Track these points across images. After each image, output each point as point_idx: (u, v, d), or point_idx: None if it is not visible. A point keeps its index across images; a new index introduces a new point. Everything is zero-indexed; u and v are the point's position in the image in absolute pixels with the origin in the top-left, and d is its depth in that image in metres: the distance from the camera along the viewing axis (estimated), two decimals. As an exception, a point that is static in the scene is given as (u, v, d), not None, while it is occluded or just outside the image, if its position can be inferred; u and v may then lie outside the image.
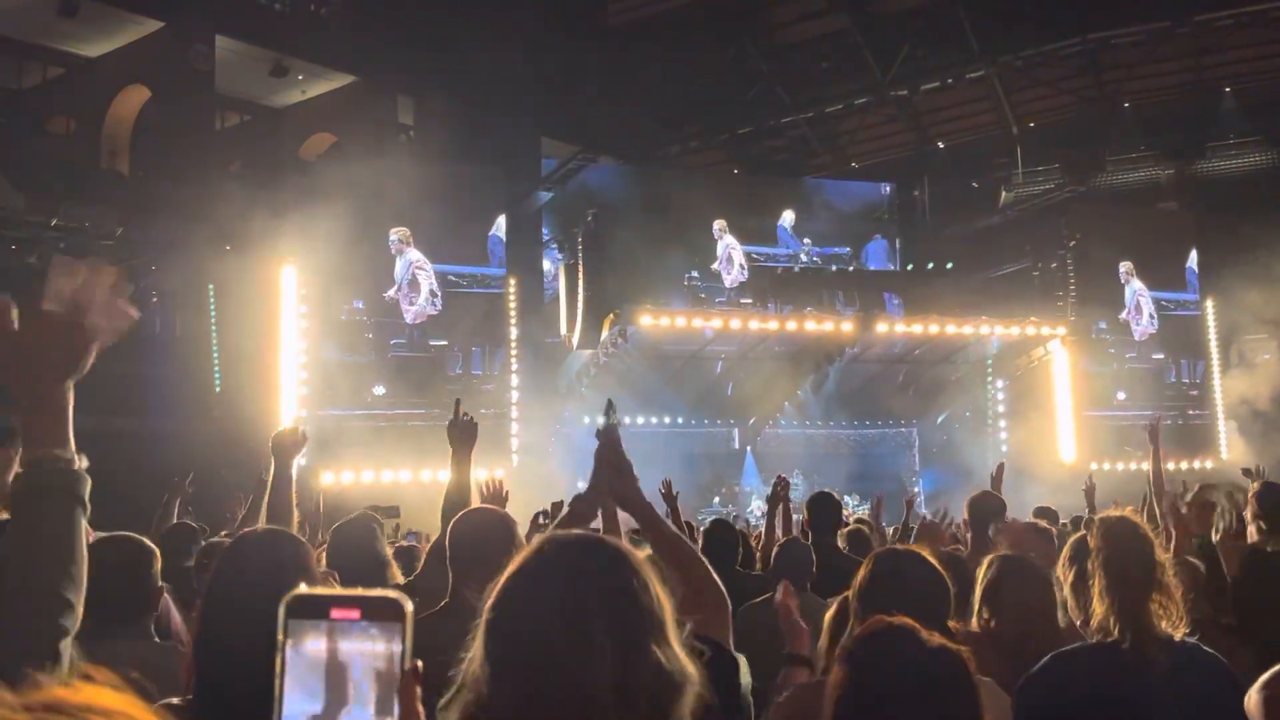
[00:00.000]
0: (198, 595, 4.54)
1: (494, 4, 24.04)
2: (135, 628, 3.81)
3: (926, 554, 3.45)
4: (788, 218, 29.41)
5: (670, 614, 1.74)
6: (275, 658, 1.06)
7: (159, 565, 4.06)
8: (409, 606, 1.09)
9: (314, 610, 1.07)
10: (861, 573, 3.33)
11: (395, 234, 22.43)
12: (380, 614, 1.08)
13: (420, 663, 1.12)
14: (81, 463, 2.04)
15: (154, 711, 0.89)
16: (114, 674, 0.90)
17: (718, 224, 28.07)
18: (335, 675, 1.06)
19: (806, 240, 29.41)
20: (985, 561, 4.15)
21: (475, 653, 1.70)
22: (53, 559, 1.96)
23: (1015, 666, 3.40)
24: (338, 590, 1.09)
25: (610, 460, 3.20)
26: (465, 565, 3.79)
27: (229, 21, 25.54)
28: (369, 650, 1.08)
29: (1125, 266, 27.13)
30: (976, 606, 3.99)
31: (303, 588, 1.10)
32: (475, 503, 4.93)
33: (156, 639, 3.96)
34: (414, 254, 22.33)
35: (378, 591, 1.09)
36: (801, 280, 28.55)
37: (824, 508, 7.21)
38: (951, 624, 3.12)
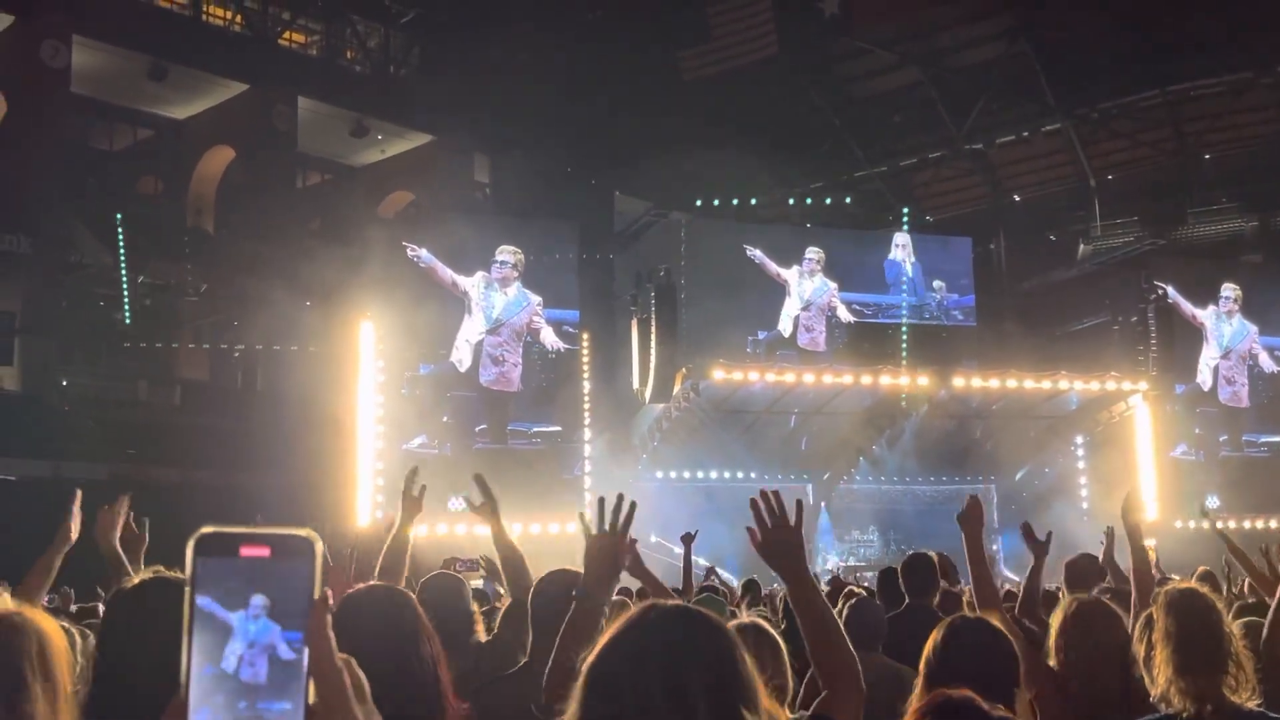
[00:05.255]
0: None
1: (568, 62, 24.41)
2: None
3: (997, 622, 3.42)
4: (900, 246, 26.75)
5: (762, 687, 1.77)
6: (184, 594, 1.05)
7: None
8: (319, 545, 1.09)
9: (223, 548, 1.06)
10: (931, 641, 3.30)
11: (505, 254, 20.52)
12: (290, 551, 1.07)
13: (330, 592, 1.11)
14: None
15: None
16: None
17: (812, 254, 25.94)
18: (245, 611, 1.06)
19: (938, 283, 27.09)
20: (1059, 605, 4.12)
21: (571, 711, 1.72)
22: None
23: (1086, 710, 3.38)
24: (247, 528, 1.08)
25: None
26: (548, 625, 3.82)
27: (311, 83, 26.25)
28: (279, 586, 1.07)
29: (1230, 290, 25.54)
30: (1051, 650, 3.97)
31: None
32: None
33: None
34: (531, 295, 20.87)
35: (287, 529, 1.09)
36: (928, 339, 26.24)
37: (920, 570, 6.80)
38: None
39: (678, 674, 1.70)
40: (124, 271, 22.17)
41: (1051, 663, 3.96)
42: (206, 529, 1.08)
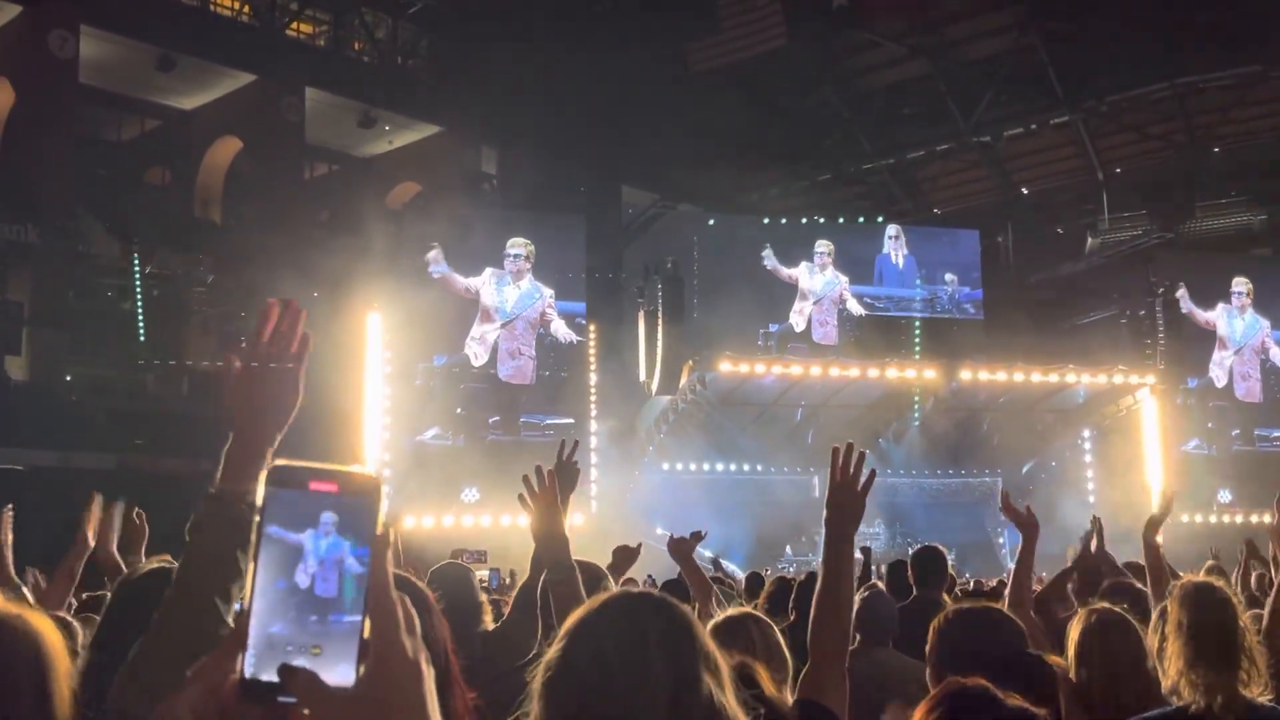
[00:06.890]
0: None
1: (576, 54, 24.37)
2: None
3: (1005, 610, 3.40)
4: (891, 239, 26.69)
5: (727, 671, 1.77)
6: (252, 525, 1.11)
7: None
8: (384, 484, 1.13)
9: (294, 481, 1.11)
10: (932, 631, 3.29)
11: (517, 248, 20.58)
12: (356, 488, 1.11)
13: (392, 529, 1.15)
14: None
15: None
16: None
17: (822, 248, 26.08)
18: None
19: (950, 276, 27.35)
20: (1077, 616, 4.09)
21: (536, 710, 1.74)
22: (217, 576, 2.09)
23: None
24: (317, 464, 1.13)
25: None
26: (560, 617, 3.82)
27: (319, 74, 26.24)
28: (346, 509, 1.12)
29: (1242, 285, 25.63)
30: (1070, 662, 3.94)
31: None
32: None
33: None
34: (544, 286, 20.96)
35: (354, 467, 1.13)
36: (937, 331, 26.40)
37: (931, 563, 6.67)
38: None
39: (637, 639, 1.71)
40: (135, 261, 22.21)
41: (1071, 675, 3.94)
42: (280, 461, 1.12)
